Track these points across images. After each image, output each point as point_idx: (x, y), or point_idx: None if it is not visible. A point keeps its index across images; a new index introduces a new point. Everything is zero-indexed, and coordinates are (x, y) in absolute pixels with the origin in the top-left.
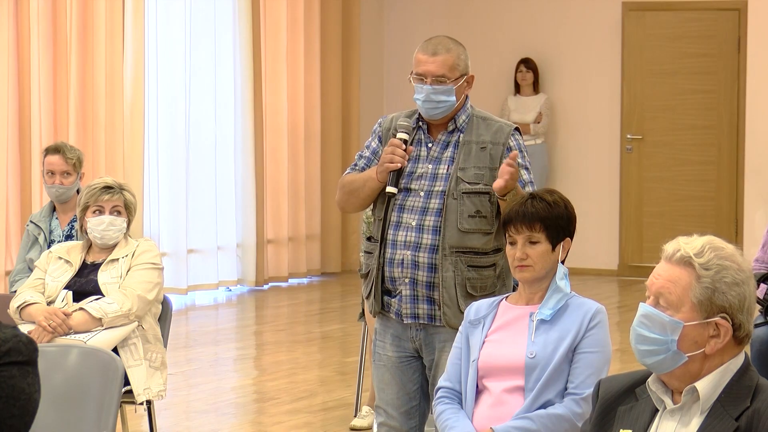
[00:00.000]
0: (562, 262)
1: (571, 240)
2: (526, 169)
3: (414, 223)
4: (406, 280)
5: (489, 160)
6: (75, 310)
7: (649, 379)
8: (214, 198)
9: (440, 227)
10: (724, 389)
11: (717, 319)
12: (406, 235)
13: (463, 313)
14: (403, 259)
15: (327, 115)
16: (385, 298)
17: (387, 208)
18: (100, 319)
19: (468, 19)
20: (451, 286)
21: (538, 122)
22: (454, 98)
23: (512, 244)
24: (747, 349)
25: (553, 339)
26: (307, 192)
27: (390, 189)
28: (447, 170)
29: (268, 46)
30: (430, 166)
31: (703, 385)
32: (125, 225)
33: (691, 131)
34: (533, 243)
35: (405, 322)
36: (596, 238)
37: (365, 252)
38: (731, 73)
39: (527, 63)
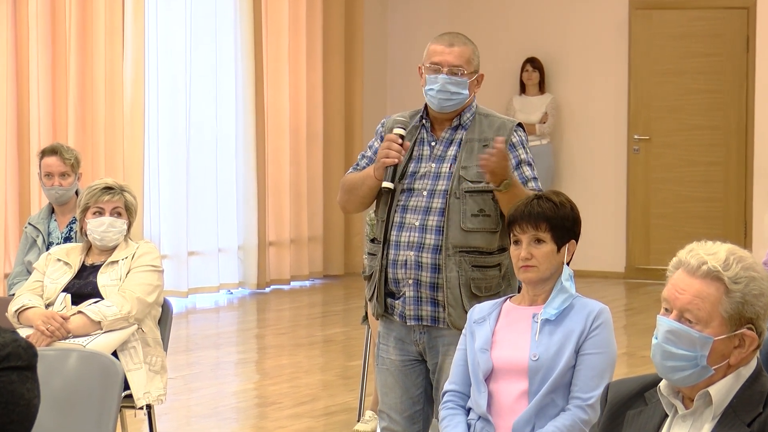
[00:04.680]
0: (567, 265)
1: (576, 243)
2: (529, 164)
3: (417, 224)
4: (410, 281)
5: None
6: (73, 314)
7: (660, 384)
8: (215, 199)
9: (443, 227)
10: (736, 394)
11: (744, 330)
12: (410, 236)
13: (467, 313)
14: (406, 260)
15: (329, 115)
16: (389, 300)
17: (390, 209)
18: (99, 322)
19: (473, 18)
20: (456, 287)
21: (544, 122)
22: (467, 92)
23: (517, 243)
24: None
25: (556, 341)
26: (310, 193)
27: (386, 184)
28: (450, 169)
29: (269, 46)
30: (433, 165)
31: (716, 390)
32: (125, 227)
33: (699, 132)
34: (538, 243)
35: (408, 323)
36: (603, 240)
37: (368, 254)
38: (739, 73)
39: (533, 62)
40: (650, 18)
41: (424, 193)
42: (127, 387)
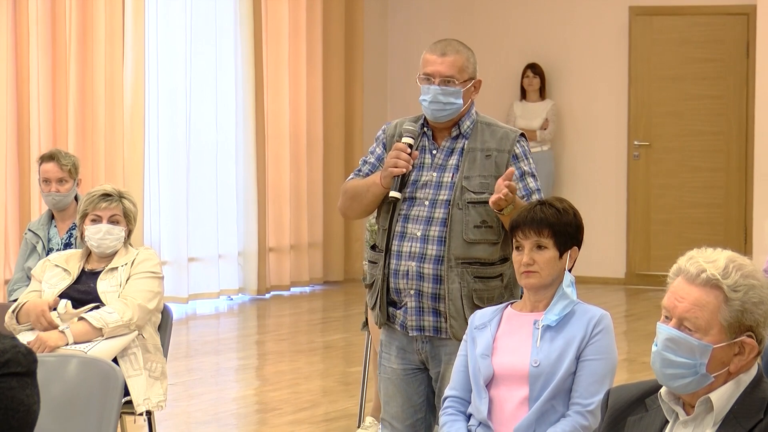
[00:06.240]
0: (569, 271)
1: (579, 250)
2: (533, 176)
3: (419, 234)
4: (411, 292)
5: (494, 168)
6: (74, 317)
7: (661, 390)
8: (215, 205)
9: (445, 238)
10: (737, 401)
11: (744, 338)
12: (411, 246)
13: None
14: (408, 271)
15: (330, 120)
16: (391, 309)
17: (391, 218)
18: (101, 329)
19: (473, 23)
20: (458, 298)
21: (545, 129)
22: (461, 101)
23: (519, 249)
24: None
25: (557, 347)
26: (310, 199)
27: (393, 194)
28: (452, 178)
29: (269, 51)
30: (435, 174)
31: (717, 396)
32: (123, 234)
33: (700, 137)
34: (541, 249)
35: (410, 334)
36: (603, 246)
37: (370, 262)
38: (740, 78)
39: (534, 68)
40: (650, 24)
41: (426, 202)
42: (127, 393)
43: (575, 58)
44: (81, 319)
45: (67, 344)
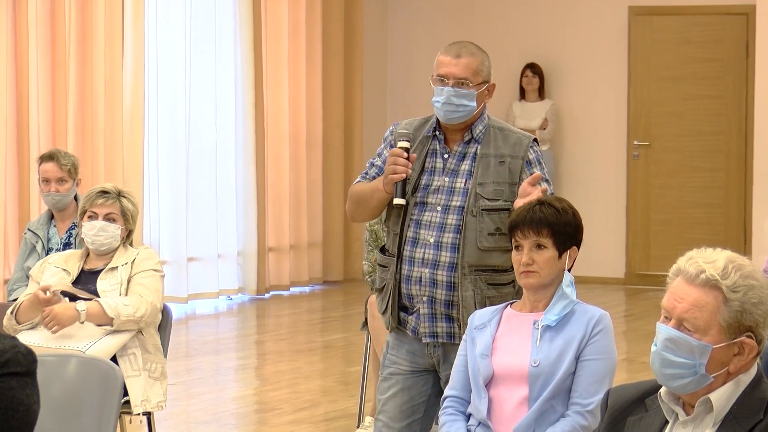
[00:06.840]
0: (569, 271)
1: (578, 250)
2: (546, 181)
3: (432, 240)
4: (424, 298)
5: (508, 174)
6: (89, 299)
7: (661, 390)
8: (214, 205)
9: (459, 245)
10: (737, 401)
11: (743, 338)
12: (424, 252)
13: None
14: (420, 277)
15: (329, 120)
16: (402, 314)
17: (402, 223)
18: (112, 318)
19: (473, 23)
20: (471, 306)
21: (544, 128)
22: (474, 104)
23: (518, 249)
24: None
25: (557, 347)
26: (309, 199)
27: (397, 200)
28: (464, 184)
29: (269, 51)
30: (447, 179)
31: (716, 397)
32: (119, 232)
33: (699, 137)
34: (540, 248)
35: (424, 341)
36: (603, 246)
37: (380, 265)
38: (739, 78)
39: (533, 68)
40: (650, 24)
41: (438, 208)
42: (126, 393)
43: (575, 58)
44: (95, 300)
45: (81, 322)
